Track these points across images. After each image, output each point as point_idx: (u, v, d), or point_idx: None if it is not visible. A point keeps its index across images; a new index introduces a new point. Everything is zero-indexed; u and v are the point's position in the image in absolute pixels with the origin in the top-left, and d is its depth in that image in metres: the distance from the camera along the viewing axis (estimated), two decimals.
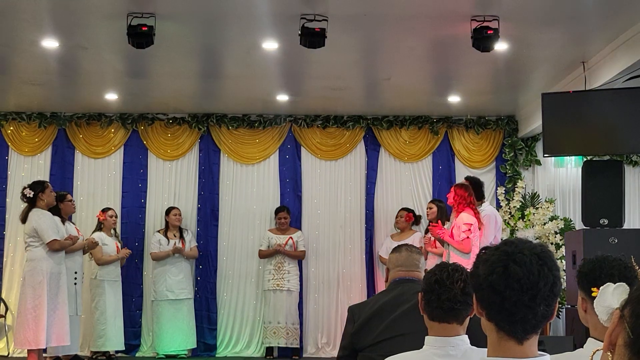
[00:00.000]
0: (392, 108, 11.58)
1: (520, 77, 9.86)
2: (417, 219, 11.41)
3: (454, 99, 10.90)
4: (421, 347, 3.28)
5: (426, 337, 3.29)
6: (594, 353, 1.74)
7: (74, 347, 9.91)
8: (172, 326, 11.09)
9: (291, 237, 11.38)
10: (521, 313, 2.25)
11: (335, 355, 11.61)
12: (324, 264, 11.81)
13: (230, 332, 11.73)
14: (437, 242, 9.45)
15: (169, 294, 11.08)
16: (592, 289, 3.02)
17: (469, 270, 3.33)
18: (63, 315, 9.08)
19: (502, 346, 2.30)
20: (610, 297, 1.81)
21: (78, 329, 10.10)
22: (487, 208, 8.98)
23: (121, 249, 10.87)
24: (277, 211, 11.55)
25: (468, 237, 8.20)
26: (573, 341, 8.02)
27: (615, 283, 2.09)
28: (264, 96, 10.88)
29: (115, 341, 10.66)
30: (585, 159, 9.60)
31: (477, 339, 3.29)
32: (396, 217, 11.43)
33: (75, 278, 9.89)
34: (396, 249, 4.59)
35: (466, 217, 8.31)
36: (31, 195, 9.14)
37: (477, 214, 8.43)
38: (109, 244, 10.65)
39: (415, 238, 10.77)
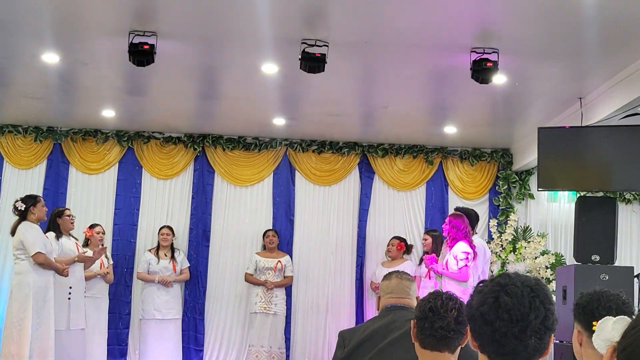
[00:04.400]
0: (388, 136, 11.61)
1: (517, 110, 9.89)
2: (408, 248, 11.39)
3: (450, 129, 10.94)
4: None
5: None
6: None
7: None
8: (158, 346, 11.00)
9: (279, 261, 11.32)
10: (511, 345, 2.23)
11: None
12: (314, 289, 11.78)
13: (216, 354, 11.67)
14: (430, 273, 9.40)
15: (156, 314, 11.00)
16: (592, 322, 3.01)
17: (463, 300, 3.35)
18: (48, 330, 8.98)
19: None
20: (610, 330, 1.79)
21: (72, 344, 9.97)
22: (476, 241, 8.97)
23: (109, 264, 10.79)
24: (266, 231, 11.54)
25: (466, 265, 8.19)
26: None
27: (614, 317, 2.08)
28: (261, 119, 10.90)
29: (91, 358, 10.48)
30: (579, 195, 9.62)
31: None
32: (387, 246, 11.40)
33: (70, 293, 9.77)
34: (387, 276, 4.59)
35: (463, 246, 8.31)
36: (22, 209, 9.10)
37: (472, 245, 8.43)
38: None
39: (406, 266, 10.70)
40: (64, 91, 9.95)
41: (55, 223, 9.68)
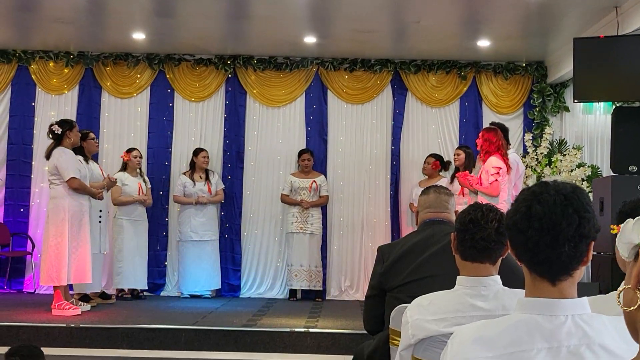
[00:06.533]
0: (420, 52, 11.47)
1: (551, 21, 9.72)
2: (444, 165, 11.29)
3: (483, 43, 10.78)
4: (449, 289, 3.26)
5: (458, 277, 3.28)
6: (620, 292, 1.66)
7: (98, 284, 10.04)
8: (196, 267, 11.16)
9: (314, 181, 11.35)
10: (544, 254, 2.21)
11: (359, 298, 11.64)
12: (349, 208, 11.82)
13: (254, 274, 11.80)
14: (464, 190, 9.37)
15: (193, 235, 11.14)
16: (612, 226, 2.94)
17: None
18: (85, 254, 9.09)
19: (537, 287, 2.26)
20: (630, 232, 1.71)
21: (103, 267, 10.13)
22: (510, 155, 8.91)
23: (147, 188, 10.90)
24: (301, 153, 11.53)
25: (497, 180, 8.17)
26: (599, 287, 8.03)
27: None
28: (292, 38, 10.81)
29: (132, 280, 10.69)
30: (615, 106, 9.49)
31: (507, 280, 3.29)
32: (424, 164, 11.33)
33: (100, 216, 9.94)
34: (425, 191, 4.59)
35: (495, 160, 8.28)
36: (59, 132, 9.10)
37: (505, 159, 8.39)
38: (130, 184, 10.66)
39: (442, 183, 10.63)
40: (93, 15, 9.92)
41: (80, 146, 9.67)
